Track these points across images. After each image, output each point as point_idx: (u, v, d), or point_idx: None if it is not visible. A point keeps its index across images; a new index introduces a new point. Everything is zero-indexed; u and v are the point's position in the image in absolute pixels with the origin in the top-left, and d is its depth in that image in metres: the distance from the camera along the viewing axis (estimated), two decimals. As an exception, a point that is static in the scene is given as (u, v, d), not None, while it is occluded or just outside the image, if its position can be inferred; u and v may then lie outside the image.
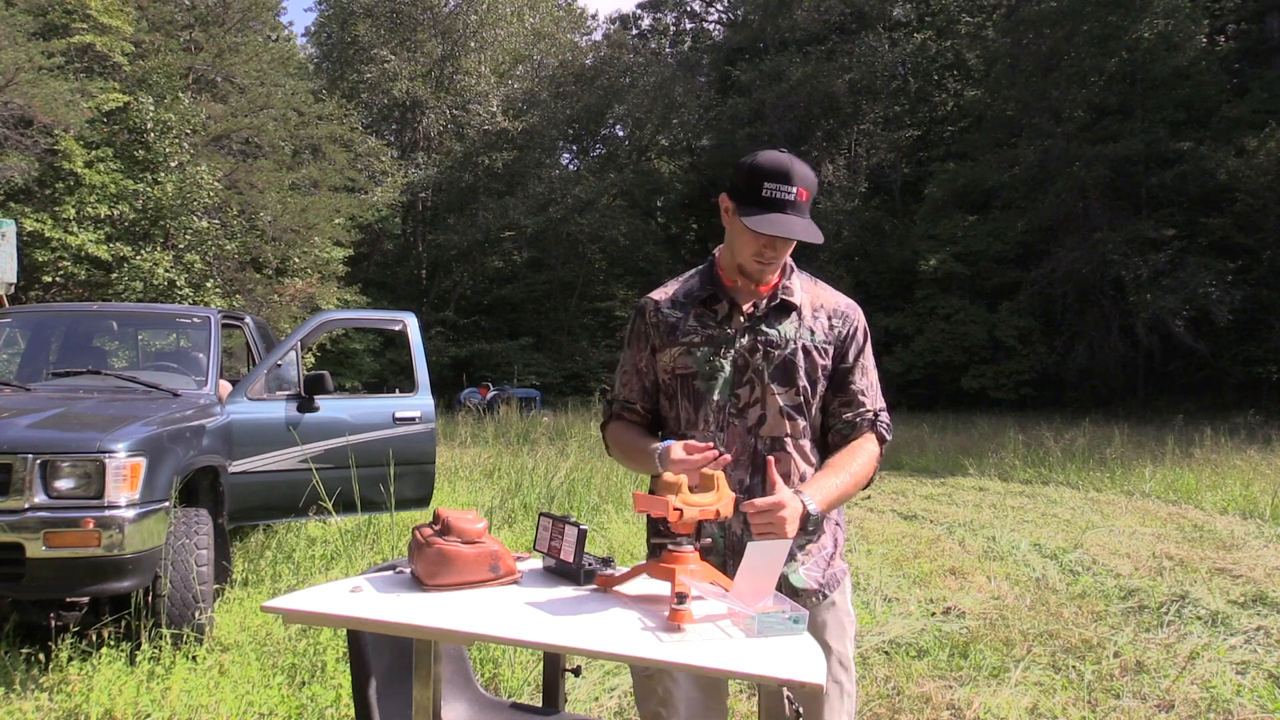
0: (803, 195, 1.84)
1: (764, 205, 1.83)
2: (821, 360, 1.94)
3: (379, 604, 1.64)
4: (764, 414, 1.91)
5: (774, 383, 1.91)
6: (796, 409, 1.93)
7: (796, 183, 1.83)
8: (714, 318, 1.96)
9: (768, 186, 1.82)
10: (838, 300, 2.02)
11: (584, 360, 29.69)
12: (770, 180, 1.83)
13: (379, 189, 25.71)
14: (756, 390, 1.91)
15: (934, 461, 12.74)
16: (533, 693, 3.52)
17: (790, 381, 1.92)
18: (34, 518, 3.55)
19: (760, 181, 1.83)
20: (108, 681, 3.38)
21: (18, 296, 12.31)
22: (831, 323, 1.97)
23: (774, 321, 1.94)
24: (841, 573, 2.01)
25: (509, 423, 15.32)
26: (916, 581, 5.59)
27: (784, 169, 1.83)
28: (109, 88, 17.35)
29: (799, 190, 1.83)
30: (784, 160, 1.84)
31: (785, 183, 1.83)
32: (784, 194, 1.82)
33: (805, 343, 1.93)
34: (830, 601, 1.97)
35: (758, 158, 1.86)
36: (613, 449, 2.08)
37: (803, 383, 1.92)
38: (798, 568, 1.92)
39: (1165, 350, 22.03)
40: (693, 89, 32.60)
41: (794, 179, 1.83)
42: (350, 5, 32.16)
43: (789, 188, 1.83)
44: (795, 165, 1.85)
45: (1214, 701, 3.58)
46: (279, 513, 5.18)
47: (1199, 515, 8.28)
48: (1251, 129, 21.00)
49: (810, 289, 2.01)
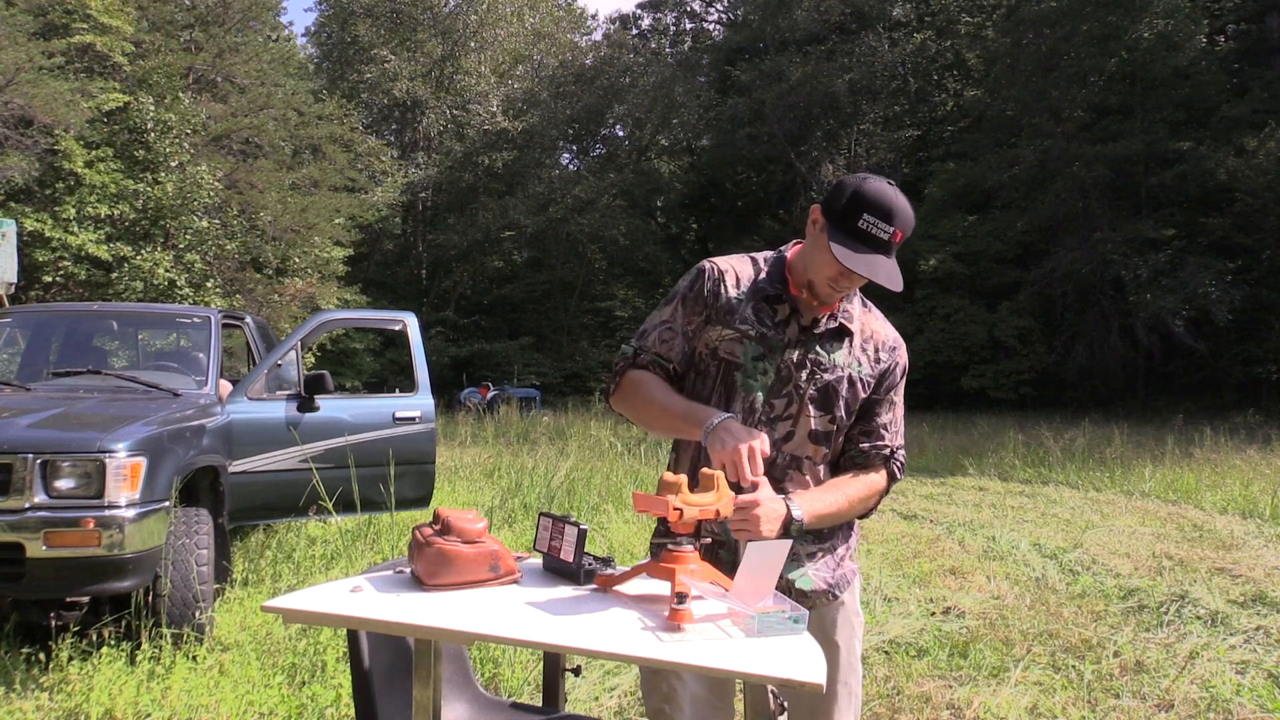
0: (897, 237, 1.77)
1: (856, 237, 1.76)
2: (863, 393, 1.92)
3: (379, 604, 1.64)
4: (793, 431, 1.88)
5: (812, 405, 1.88)
6: (826, 435, 1.91)
7: (896, 223, 1.76)
8: (772, 317, 1.90)
9: (866, 219, 1.75)
10: (886, 333, 1.98)
11: (584, 360, 29.70)
12: (871, 213, 1.76)
13: (379, 189, 25.72)
14: (793, 406, 1.88)
15: (934, 461, 12.74)
16: (533, 693, 3.52)
17: (828, 408, 1.89)
18: (34, 517, 3.55)
19: (860, 211, 1.76)
20: (108, 681, 3.38)
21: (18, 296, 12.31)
22: (879, 355, 1.94)
23: (827, 343, 1.90)
24: (851, 573, 2.00)
25: (509, 423, 15.33)
26: (916, 581, 5.59)
27: (887, 206, 1.76)
28: (109, 88, 17.36)
29: (896, 231, 1.76)
30: (889, 196, 1.77)
31: (885, 220, 1.75)
32: (880, 231, 1.75)
33: (852, 373, 1.91)
34: (840, 601, 1.96)
35: (865, 185, 1.79)
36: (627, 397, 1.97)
37: (840, 412, 1.91)
38: (806, 571, 1.91)
39: (1165, 350, 22.03)
40: (693, 89, 32.61)
41: (895, 218, 1.76)
42: (350, 5, 32.16)
43: (888, 226, 1.75)
44: (899, 204, 1.77)
45: (1214, 701, 3.58)
46: (279, 513, 5.18)
47: (1199, 515, 8.28)
48: (1251, 129, 21.00)
49: (863, 315, 1.97)
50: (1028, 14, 24.46)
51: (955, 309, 24.23)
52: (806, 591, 1.91)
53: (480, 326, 30.70)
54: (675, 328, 1.95)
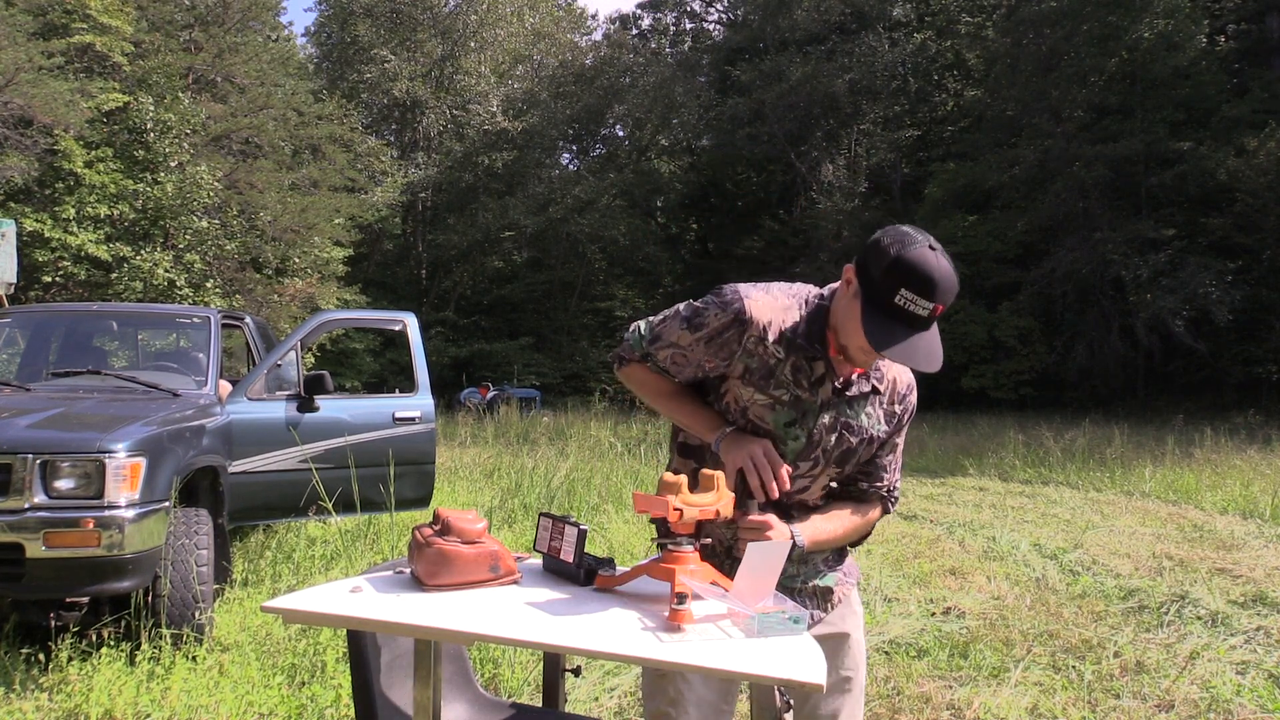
0: (937, 311, 1.62)
1: (892, 314, 1.61)
2: (875, 448, 1.90)
3: (379, 604, 1.64)
4: (809, 485, 1.87)
5: (835, 465, 1.87)
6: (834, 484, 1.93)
7: (938, 298, 1.60)
8: (808, 376, 1.79)
9: (904, 295, 1.59)
10: (903, 378, 1.92)
11: (584, 360, 29.70)
12: (909, 288, 1.59)
13: (379, 189, 25.73)
14: (817, 468, 1.85)
15: (934, 461, 12.74)
16: (533, 693, 3.52)
17: (844, 464, 1.88)
18: (34, 518, 3.55)
19: (898, 286, 1.59)
20: (108, 681, 3.38)
21: (18, 296, 12.32)
22: (894, 407, 1.90)
23: (858, 403, 1.84)
24: (854, 567, 2.06)
25: (509, 423, 15.33)
26: (916, 581, 5.59)
27: (929, 280, 1.58)
28: (109, 88, 17.36)
29: (936, 306, 1.61)
30: (931, 268, 1.59)
31: (925, 297, 1.59)
32: (919, 308, 1.60)
33: (874, 433, 1.87)
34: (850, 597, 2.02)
35: (905, 254, 1.60)
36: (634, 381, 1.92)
37: (852, 468, 1.90)
38: (825, 572, 1.95)
39: (1165, 350, 22.04)
40: (693, 89, 32.61)
41: (936, 294, 1.59)
42: (350, 5, 32.17)
43: (927, 303, 1.60)
44: (942, 274, 1.60)
45: (1214, 701, 3.58)
46: (279, 513, 5.18)
47: (1199, 515, 8.28)
48: (1251, 129, 21.01)
49: (885, 365, 1.88)
50: (1028, 14, 24.47)
51: (955, 309, 24.19)
52: (831, 587, 1.95)
53: (480, 326, 30.71)
54: (691, 360, 1.83)
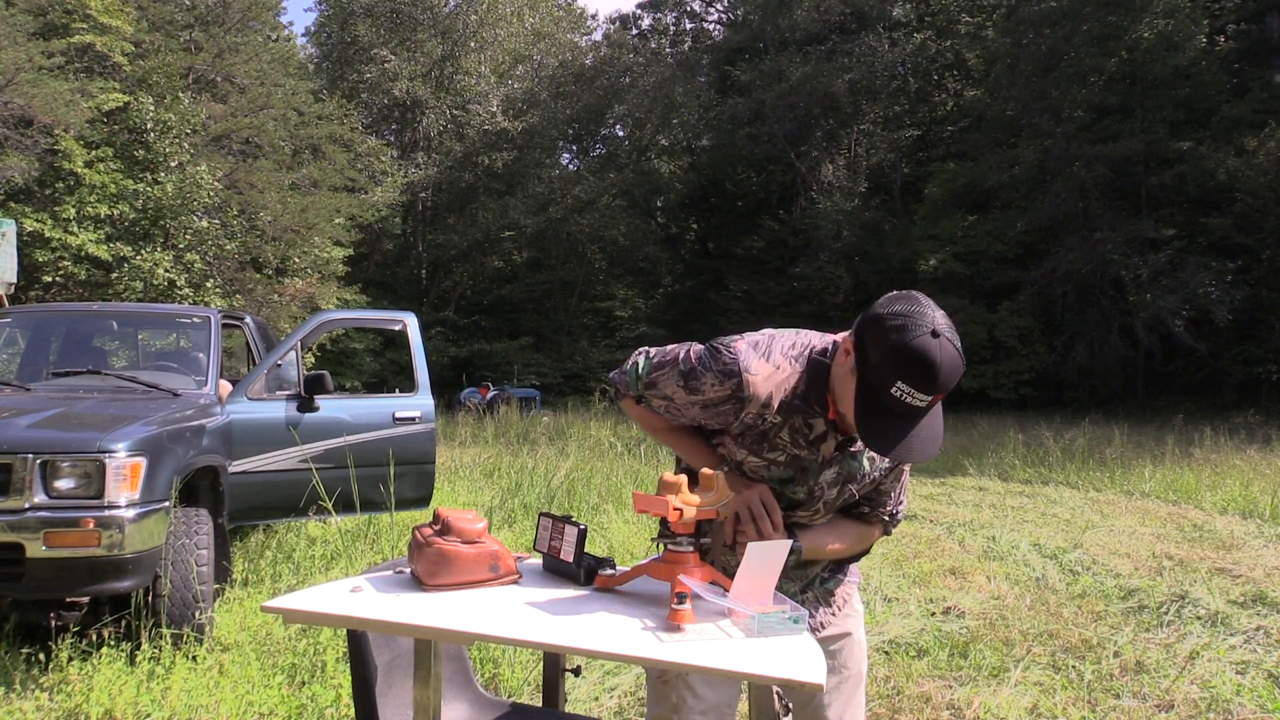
0: (938, 398, 1.53)
1: (886, 404, 1.52)
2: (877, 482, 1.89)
3: (379, 604, 1.64)
4: (808, 526, 1.87)
5: (837, 512, 1.88)
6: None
7: (938, 391, 1.50)
8: (806, 436, 1.74)
9: (900, 388, 1.49)
10: None
11: (584, 360, 29.70)
12: (907, 382, 1.49)
13: (379, 189, 25.70)
14: (819, 518, 1.86)
15: (934, 461, 12.72)
16: (533, 693, 3.52)
17: (845, 504, 1.89)
18: (34, 518, 3.55)
19: (895, 378, 1.49)
20: (108, 681, 3.38)
21: (18, 296, 12.31)
22: None
23: (860, 455, 1.80)
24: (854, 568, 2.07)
25: (509, 423, 15.33)
26: (916, 581, 5.59)
27: (929, 375, 1.48)
28: (109, 88, 17.34)
29: (935, 398, 1.52)
30: (932, 358, 1.47)
31: (924, 391, 1.49)
32: (916, 401, 1.50)
33: (876, 474, 1.85)
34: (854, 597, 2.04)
35: (907, 342, 1.48)
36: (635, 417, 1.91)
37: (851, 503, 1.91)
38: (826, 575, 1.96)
39: (1165, 350, 22.03)
40: (693, 89, 32.60)
41: (936, 387, 1.49)
42: (350, 5, 32.16)
43: (925, 397, 1.50)
44: (943, 366, 1.48)
45: (1214, 701, 3.58)
46: (279, 513, 5.18)
47: (1199, 515, 8.28)
48: (1251, 129, 21.00)
49: None
50: (1028, 14, 24.46)
51: (955, 309, 24.17)
52: (834, 590, 1.97)
53: (480, 326, 30.71)
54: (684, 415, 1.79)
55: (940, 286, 24.60)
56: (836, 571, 1.98)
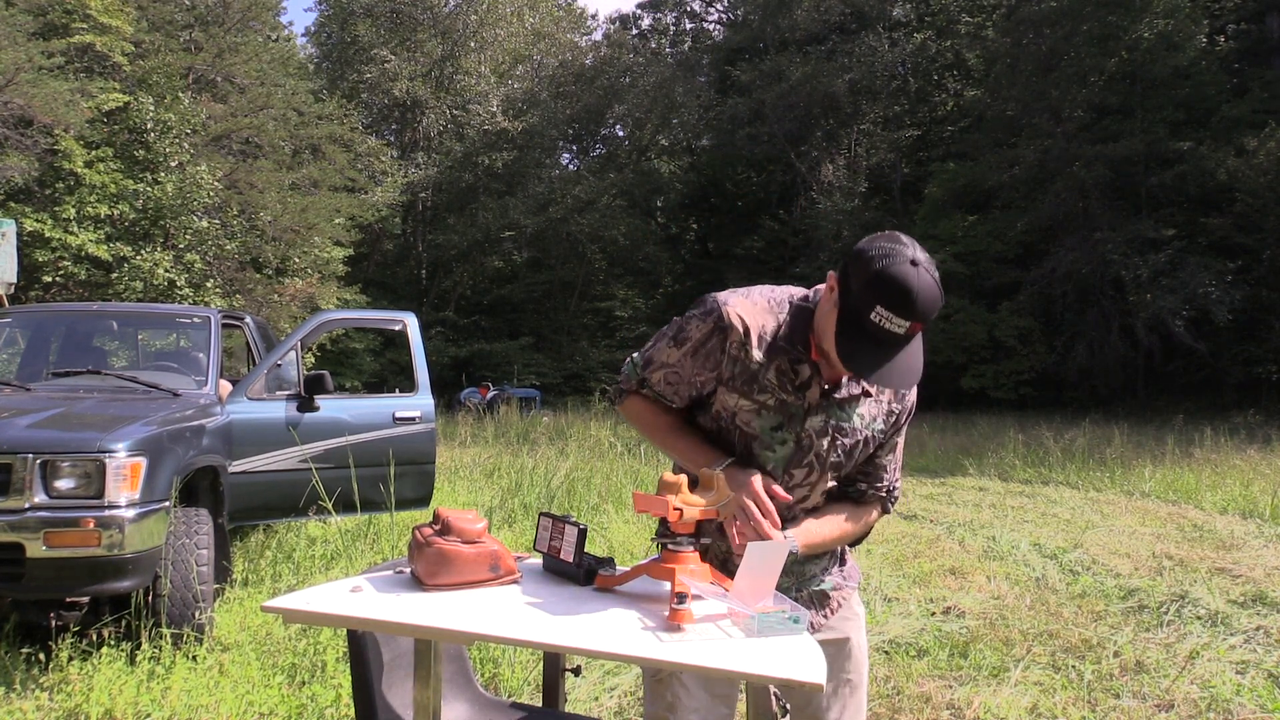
0: (916, 328, 1.59)
1: (864, 333, 1.58)
2: (872, 448, 1.88)
3: (379, 604, 1.64)
4: (809, 495, 1.85)
5: (831, 470, 1.84)
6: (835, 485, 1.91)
7: (914, 317, 1.56)
8: (793, 380, 1.77)
9: (879, 313, 1.56)
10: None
11: (584, 360, 29.70)
12: (885, 306, 1.55)
13: (379, 189, 25.70)
14: (813, 475, 1.82)
15: (934, 461, 12.74)
16: (533, 693, 3.52)
17: (842, 469, 1.87)
18: (34, 518, 3.55)
19: (874, 303, 1.56)
20: (108, 681, 3.38)
21: (18, 296, 12.31)
22: (891, 406, 1.87)
23: (849, 406, 1.81)
24: (855, 570, 2.06)
25: (509, 423, 15.32)
26: (916, 581, 5.59)
27: (906, 300, 1.55)
28: (109, 88, 17.34)
29: (913, 325, 1.57)
30: (909, 284, 1.55)
31: (901, 315, 1.55)
32: (894, 327, 1.56)
33: (869, 434, 1.84)
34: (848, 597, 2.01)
35: (887, 268, 1.56)
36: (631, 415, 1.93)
37: (850, 468, 1.88)
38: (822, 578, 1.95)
39: (1165, 350, 22.04)
40: (693, 89, 32.61)
41: (914, 313, 1.55)
42: (350, 5, 32.17)
43: (903, 322, 1.56)
44: (921, 292, 1.55)
45: (1214, 701, 3.58)
46: (279, 513, 5.18)
47: (1199, 515, 8.28)
48: (1251, 129, 21.01)
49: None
50: (1028, 14, 24.47)
51: (955, 309, 24.22)
52: (828, 592, 1.95)
53: (480, 326, 30.71)
54: (683, 376, 1.83)
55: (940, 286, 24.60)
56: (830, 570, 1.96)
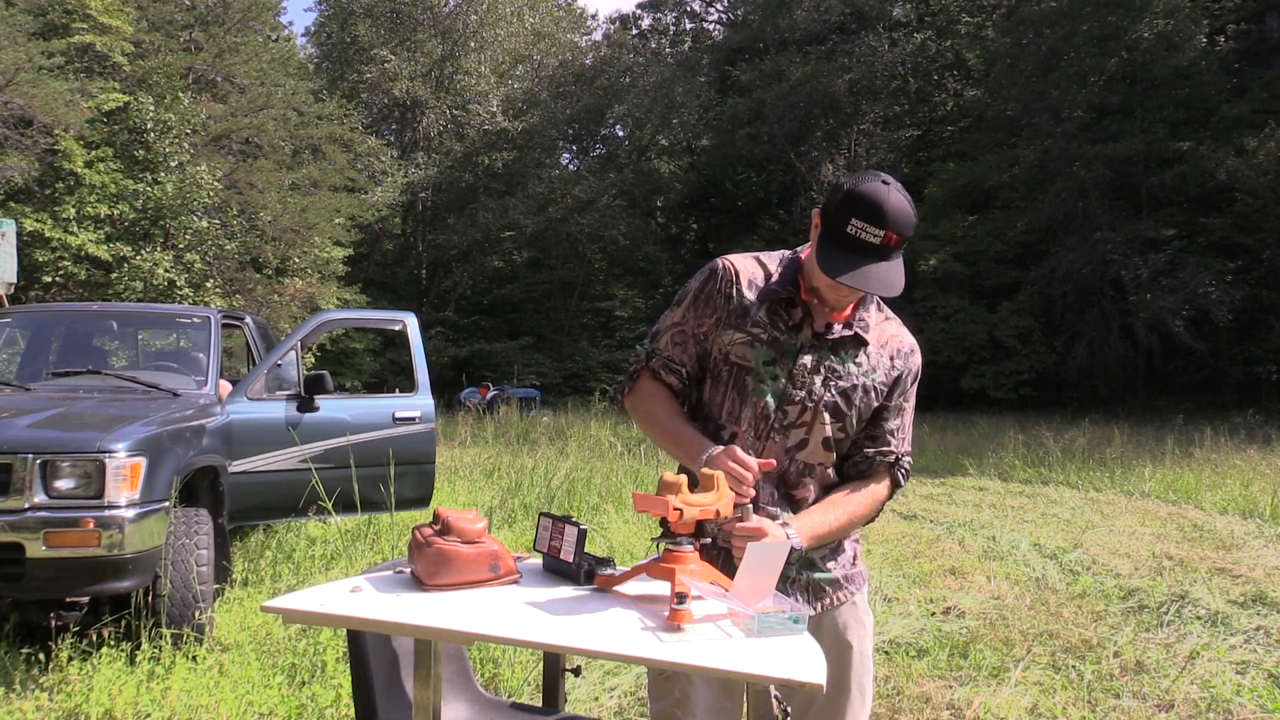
0: (892, 239, 1.67)
1: (843, 244, 1.68)
2: (876, 401, 1.88)
3: (379, 604, 1.64)
4: (807, 439, 1.85)
5: (827, 412, 1.84)
6: (839, 442, 1.89)
7: (887, 225, 1.66)
8: (785, 320, 1.85)
9: (854, 224, 1.67)
10: (902, 339, 1.94)
11: (584, 360, 29.69)
12: (859, 217, 1.66)
13: (379, 189, 25.71)
14: (807, 414, 1.84)
15: (934, 461, 12.74)
16: (533, 693, 3.52)
17: (842, 416, 1.86)
18: (34, 518, 3.55)
19: (849, 216, 1.67)
20: (108, 681, 3.38)
21: (18, 296, 12.31)
22: (894, 362, 1.90)
23: (842, 351, 1.85)
24: (861, 575, 2.02)
25: (509, 423, 15.33)
26: (916, 581, 5.59)
27: (876, 208, 1.66)
28: (109, 88, 17.34)
29: (888, 235, 1.66)
30: (880, 197, 1.67)
31: (874, 224, 1.66)
32: (869, 236, 1.66)
33: (867, 381, 1.86)
34: (852, 600, 1.97)
35: (857, 186, 1.69)
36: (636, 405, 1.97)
37: (853, 422, 1.88)
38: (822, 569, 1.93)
39: (1165, 350, 22.04)
40: (693, 89, 32.60)
41: (885, 221, 1.66)
42: (350, 5, 32.16)
43: (876, 230, 1.66)
44: (890, 204, 1.66)
45: (1214, 701, 3.58)
46: (279, 513, 5.18)
47: (1199, 515, 8.28)
48: (1251, 129, 21.01)
49: (880, 323, 1.92)
50: (1028, 14, 24.47)
51: (955, 309, 24.23)
52: (825, 584, 1.92)
53: (480, 326, 30.70)
54: (687, 330, 1.92)
55: (940, 286, 24.63)
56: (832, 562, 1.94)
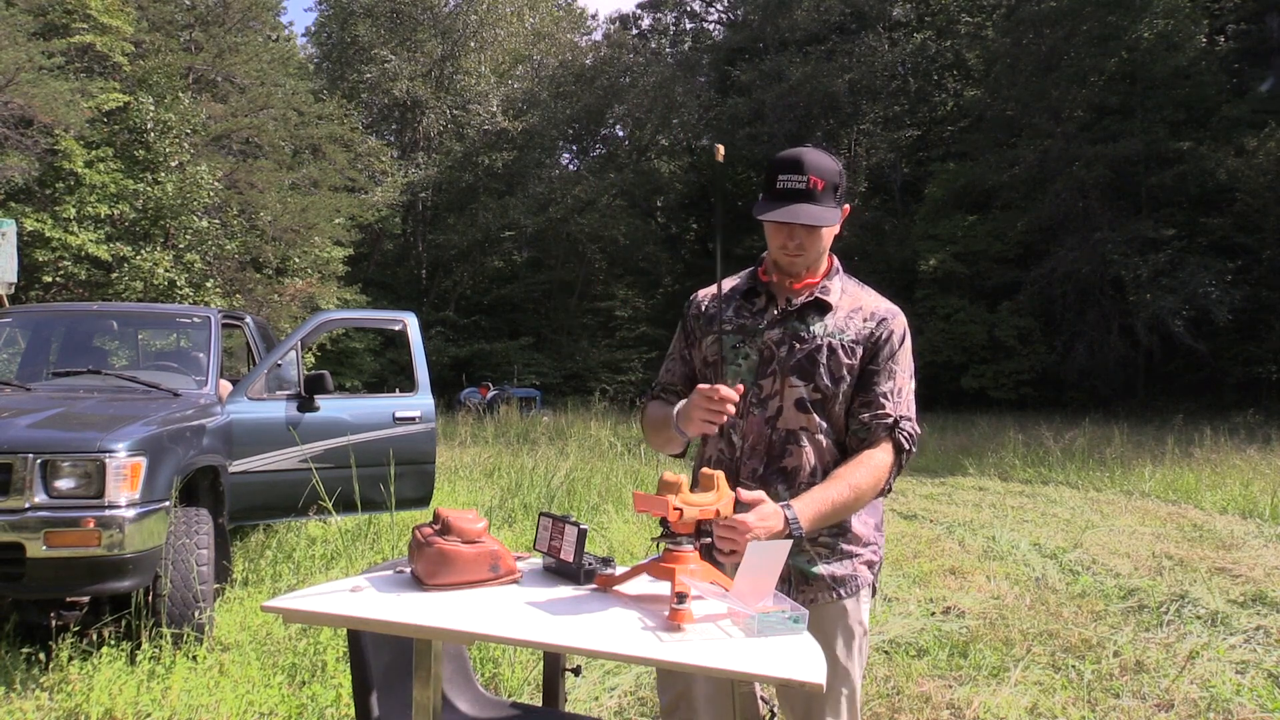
0: (816, 183, 1.89)
1: (777, 197, 1.89)
2: (848, 359, 1.94)
3: (379, 604, 1.64)
4: (781, 406, 1.93)
5: (793, 375, 1.93)
6: (815, 404, 1.93)
7: (808, 171, 1.88)
8: (750, 309, 2.03)
9: (781, 179, 1.89)
10: (879, 304, 2.02)
11: (584, 360, 29.68)
12: (784, 172, 1.89)
13: (379, 189, 25.69)
14: (777, 382, 1.94)
15: (934, 461, 12.74)
16: (533, 692, 3.52)
17: (809, 376, 1.93)
18: (34, 517, 3.55)
19: (776, 175, 1.90)
20: (108, 681, 3.38)
21: (18, 296, 12.30)
22: (865, 324, 1.97)
23: (806, 318, 1.98)
24: (861, 580, 1.98)
25: (509, 423, 15.33)
26: (916, 581, 5.59)
27: (795, 159, 1.89)
28: (109, 88, 17.33)
29: (811, 179, 1.88)
30: (798, 152, 1.91)
31: (796, 172, 1.88)
32: (795, 184, 1.88)
33: (833, 341, 1.95)
34: (841, 606, 1.94)
35: (778, 155, 1.94)
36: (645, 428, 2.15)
37: (824, 380, 1.92)
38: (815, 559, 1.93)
39: (1165, 350, 22.04)
40: (693, 89, 32.58)
41: (805, 168, 1.88)
42: (350, 5, 32.14)
43: (800, 177, 1.88)
44: (808, 155, 1.90)
45: (1214, 701, 3.58)
46: (279, 513, 5.18)
47: (1199, 515, 8.28)
48: (1251, 129, 21.00)
49: (853, 292, 2.04)
50: (1028, 14, 24.46)
51: (955, 309, 24.21)
52: (809, 575, 1.92)
53: (480, 326, 30.68)
54: (676, 354, 2.15)
55: (940, 286, 24.63)
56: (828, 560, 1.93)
